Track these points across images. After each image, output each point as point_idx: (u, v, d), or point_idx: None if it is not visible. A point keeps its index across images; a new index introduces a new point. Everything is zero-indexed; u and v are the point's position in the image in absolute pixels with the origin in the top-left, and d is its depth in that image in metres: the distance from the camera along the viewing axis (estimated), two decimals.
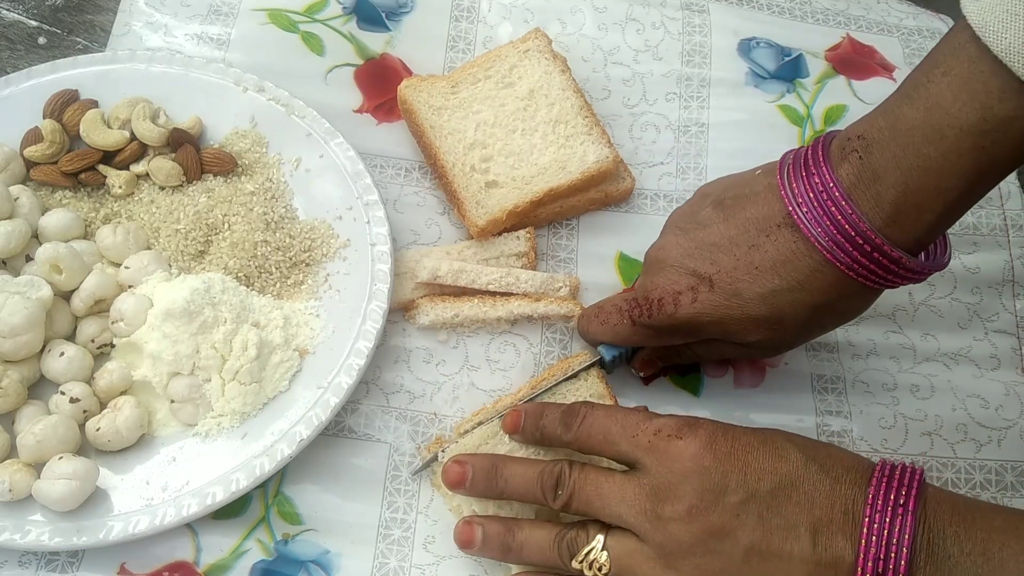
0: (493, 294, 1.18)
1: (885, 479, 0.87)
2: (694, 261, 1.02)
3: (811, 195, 0.94)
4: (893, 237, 0.92)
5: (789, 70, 1.41)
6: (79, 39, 1.33)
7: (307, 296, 1.14)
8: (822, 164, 0.95)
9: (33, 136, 1.17)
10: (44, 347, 1.07)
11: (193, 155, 1.18)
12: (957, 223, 1.22)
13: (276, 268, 1.14)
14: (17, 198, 1.12)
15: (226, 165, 1.19)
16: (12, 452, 1.03)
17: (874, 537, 0.84)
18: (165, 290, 1.08)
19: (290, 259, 1.15)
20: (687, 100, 1.37)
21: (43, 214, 1.13)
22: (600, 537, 0.93)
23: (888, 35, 1.47)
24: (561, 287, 1.19)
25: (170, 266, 1.14)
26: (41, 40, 1.32)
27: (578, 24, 1.42)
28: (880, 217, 0.92)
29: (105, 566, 1.01)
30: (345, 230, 1.17)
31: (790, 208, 0.96)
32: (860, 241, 0.92)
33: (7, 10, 1.33)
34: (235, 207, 1.16)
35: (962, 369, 1.21)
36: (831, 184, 0.93)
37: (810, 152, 0.97)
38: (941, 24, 1.50)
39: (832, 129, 1.03)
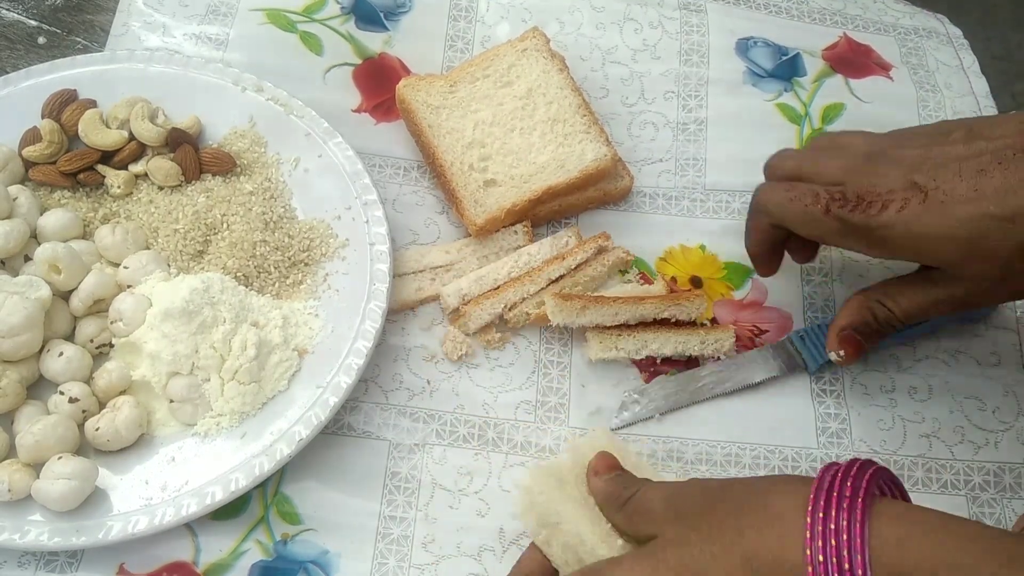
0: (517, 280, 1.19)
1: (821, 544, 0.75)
2: (918, 173, 0.96)
3: None
4: None
5: (787, 69, 1.41)
6: (79, 39, 1.33)
7: (306, 296, 1.15)
8: None
9: (31, 136, 1.17)
10: (43, 347, 1.07)
11: (192, 155, 1.18)
12: None
13: (275, 268, 1.15)
14: (16, 198, 1.12)
15: (225, 165, 1.19)
16: (11, 452, 1.03)
17: None
18: (164, 290, 1.09)
19: (289, 259, 1.15)
20: (685, 99, 1.38)
21: (42, 214, 1.14)
22: None
23: (885, 34, 1.47)
24: (568, 240, 1.21)
25: (169, 266, 1.14)
26: (41, 40, 1.33)
27: (576, 23, 1.43)
28: None
29: (104, 566, 1.01)
30: (344, 230, 1.17)
31: None
32: None
33: (7, 10, 1.34)
34: (234, 207, 1.16)
35: (962, 366, 1.20)
36: None
37: None
38: (937, 23, 1.50)
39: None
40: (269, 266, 1.14)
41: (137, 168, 1.18)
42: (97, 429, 1.03)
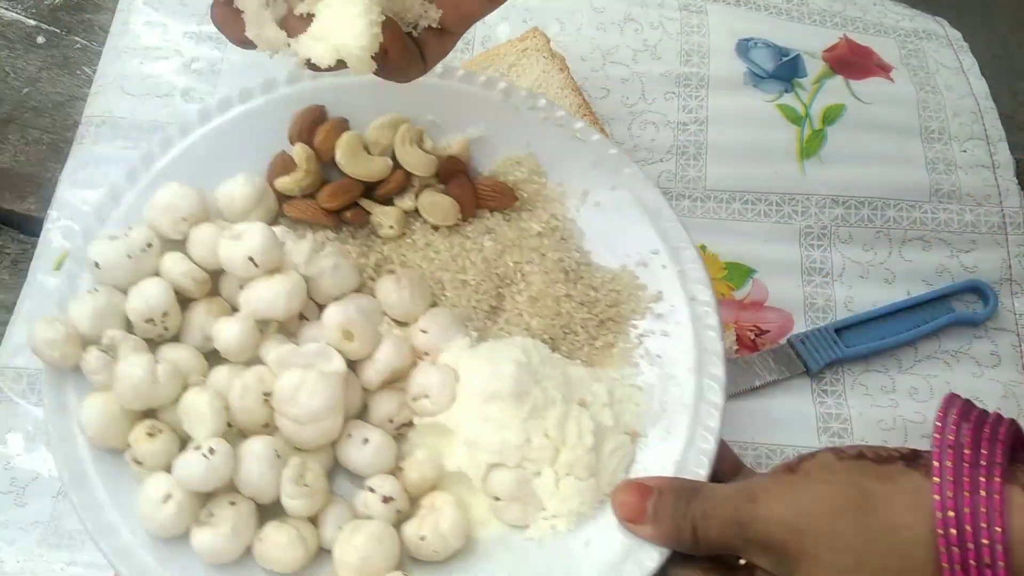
0: None
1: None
2: None
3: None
4: None
5: (787, 70, 1.41)
6: (77, 38, 1.37)
7: (620, 362, 0.96)
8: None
9: (281, 164, 0.94)
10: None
11: (468, 188, 0.98)
12: (956, 221, 1.30)
13: (582, 328, 0.96)
14: (283, 243, 0.89)
15: (505, 199, 0.99)
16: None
17: None
18: (471, 360, 0.90)
19: (596, 316, 0.97)
20: (686, 99, 1.37)
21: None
22: None
23: (885, 36, 1.49)
24: None
25: (466, 327, 0.94)
26: (40, 39, 1.36)
27: (576, 24, 1.44)
28: None
29: None
30: (652, 280, 0.99)
31: None
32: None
33: (5, 9, 1.38)
34: (526, 252, 0.97)
35: (962, 367, 1.25)
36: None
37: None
38: (937, 26, 1.54)
39: None
40: (576, 326, 0.96)
41: (405, 203, 0.97)
42: (423, 538, 0.84)
